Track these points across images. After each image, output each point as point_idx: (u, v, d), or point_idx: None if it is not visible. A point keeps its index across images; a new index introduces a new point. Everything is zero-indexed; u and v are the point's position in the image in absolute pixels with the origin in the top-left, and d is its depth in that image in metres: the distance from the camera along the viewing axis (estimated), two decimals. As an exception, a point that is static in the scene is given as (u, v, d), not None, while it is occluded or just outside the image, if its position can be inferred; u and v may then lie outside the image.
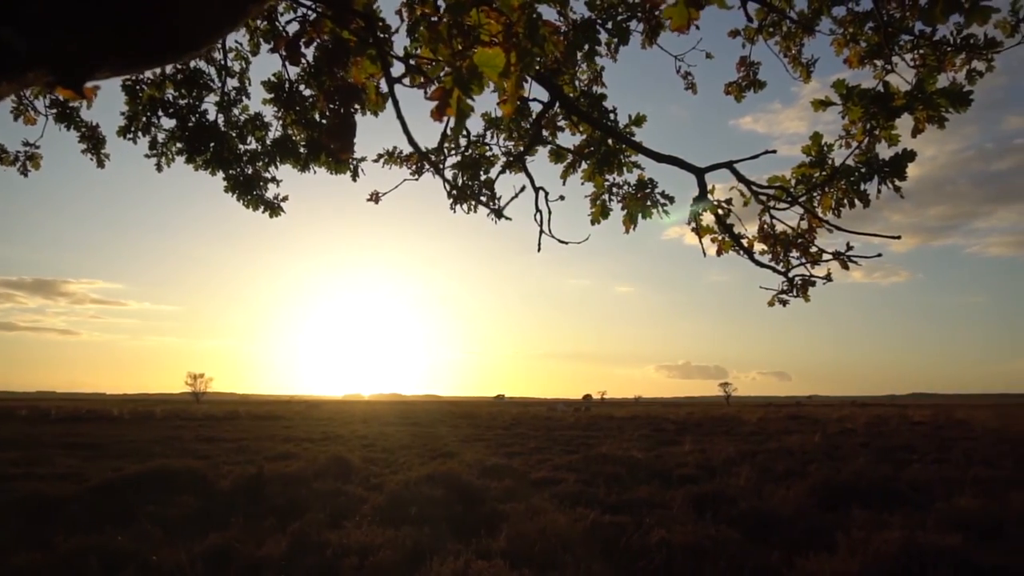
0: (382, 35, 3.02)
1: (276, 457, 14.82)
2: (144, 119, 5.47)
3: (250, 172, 5.59)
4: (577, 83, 5.02)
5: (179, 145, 5.51)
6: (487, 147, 5.21)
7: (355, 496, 9.69)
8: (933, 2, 2.87)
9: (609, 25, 4.25)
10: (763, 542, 7.28)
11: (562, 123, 5.11)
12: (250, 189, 5.60)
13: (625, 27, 4.26)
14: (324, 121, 4.50)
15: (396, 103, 2.38)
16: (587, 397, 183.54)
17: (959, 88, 3.27)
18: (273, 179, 5.70)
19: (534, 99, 4.71)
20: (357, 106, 2.50)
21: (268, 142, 5.58)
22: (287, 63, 2.56)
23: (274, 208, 5.72)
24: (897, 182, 3.44)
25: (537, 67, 3.83)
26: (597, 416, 48.29)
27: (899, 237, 3.65)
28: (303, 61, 3.15)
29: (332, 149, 3.60)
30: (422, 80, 2.37)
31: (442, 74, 1.85)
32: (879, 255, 3.94)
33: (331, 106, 2.48)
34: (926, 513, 8.41)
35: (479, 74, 1.86)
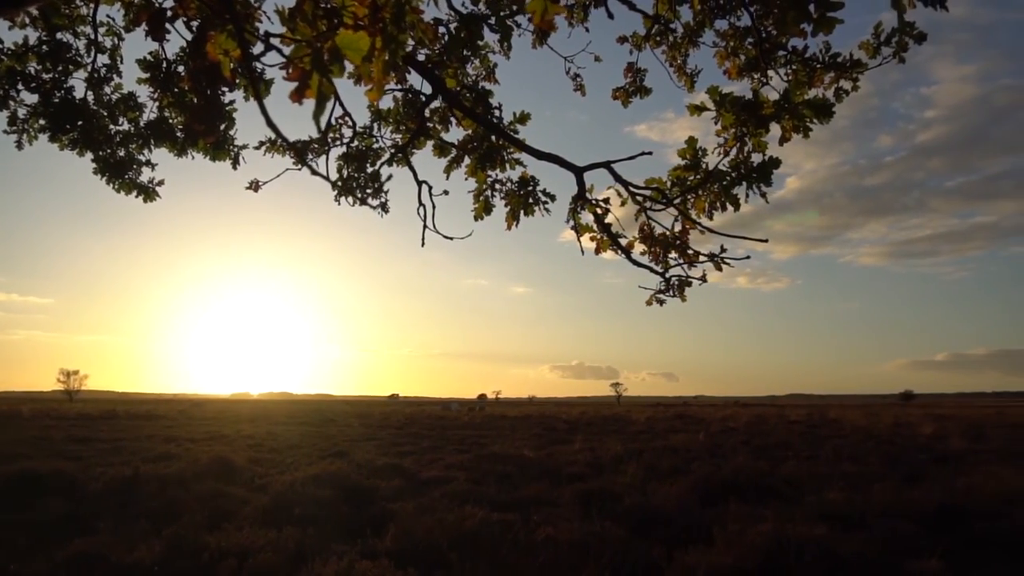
0: (242, 10, 2.90)
1: (155, 458, 14.06)
2: (2, 92, 5.06)
3: (122, 154, 5.26)
4: (466, 78, 5.00)
5: (42, 122, 5.13)
6: (374, 139, 5.11)
7: (237, 498, 9.32)
8: (785, 10, 3.04)
9: (493, 20, 4.23)
10: (646, 537, 7.45)
11: (452, 118, 5.07)
12: (122, 172, 5.27)
13: (509, 24, 4.26)
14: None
15: (255, 83, 2.28)
16: (482, 396, 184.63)
17: (823, 100, 3.47)
18: (148, 162, 5.39)
19: (420, 92, 4.65)
20: (225, 88, 2.39)
21: (142, 124, 5.27)
22: (150, 38, 2.42)
23: (148, 193, 5.41)
24: (764, 187, 3.61)
25: (420, 57, 3.78)
26: (491, 415, 48.54)
27: (766, 240, 3.83)
28: (170, 38, 2.99)
29: (197, 132, 3.44)
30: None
31: (302, 55, 1.79)
32: (747, 256, 4.12)
33: (196, 87, 2.36)
34: (797, 506, 8.86)
35: (341, 57, 1.81)
